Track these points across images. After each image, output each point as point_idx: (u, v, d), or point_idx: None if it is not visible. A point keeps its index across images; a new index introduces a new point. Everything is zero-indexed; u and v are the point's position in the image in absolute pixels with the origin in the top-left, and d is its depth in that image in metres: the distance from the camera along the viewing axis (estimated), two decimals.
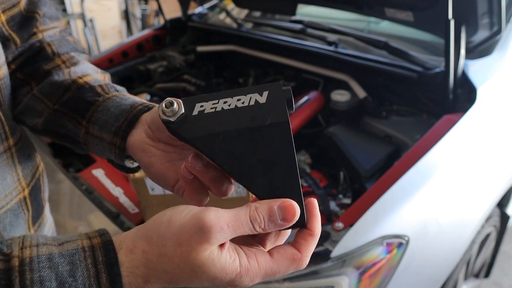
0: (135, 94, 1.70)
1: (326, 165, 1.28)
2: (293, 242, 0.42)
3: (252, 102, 0.42)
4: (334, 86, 1.47)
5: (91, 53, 3.75)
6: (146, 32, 2.04)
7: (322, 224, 0.99)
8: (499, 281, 2.00)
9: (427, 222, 1.02)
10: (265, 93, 0.42)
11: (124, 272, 0.39)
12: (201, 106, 0.42)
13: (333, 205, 1.11)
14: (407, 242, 0.95)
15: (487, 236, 1.54)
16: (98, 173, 1.23)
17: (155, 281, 0.39)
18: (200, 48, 1.87)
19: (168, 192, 1.06)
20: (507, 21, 1.32)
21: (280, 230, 0.43)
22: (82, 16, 3.96)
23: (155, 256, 0.39)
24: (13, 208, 0.54)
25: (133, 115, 0.53)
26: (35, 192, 0.60)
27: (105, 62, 1.91)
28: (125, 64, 1.95)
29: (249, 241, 0.43)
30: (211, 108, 0.42)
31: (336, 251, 0.88)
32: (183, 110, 0.42)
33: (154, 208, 1.07)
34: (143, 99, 0.58)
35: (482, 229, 1.37)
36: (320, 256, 0.89)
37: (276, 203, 0.40)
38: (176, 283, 0.40)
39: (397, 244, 0.94)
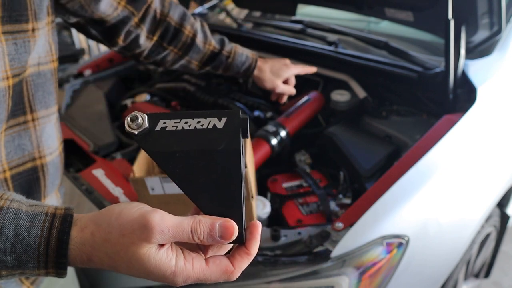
0: (135, 94, 1.70)
1: (326, 165, 1.28)
2: (230, 256, 0.47)
3: (210, 126, 0.46)
4: (334, 86, 1.47)
5: (91, 53, 3.75)
6: None
7: (322, 224, 0.99)
8: (499, 281, 2.00)
9: (427, 222, 1.02)
10: (224, 119, 0.46)
11: (72, 245, 0.44)
12: (164, 123, 0.46)
13: (333, 205, 1.11)
14: (407, 242, 0.95)
15: (487, 236, 1.54)
16: (98, 173, 1.23)
17: (97, 261, 0.44)
18: None
19: (168, 192, 1.06)
20: (507, 21, 1.32)
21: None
22: None
23: (100, 239, 0.44)
24: None
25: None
26: (21, 179, 0.64)
27: (105, 62, 1.91)
28: (125, 64, 1.95)
29: (193, 246, 0.47)
30: (173, 126, 0.46)
31: (336, 251, 0.88)
32: (146, 125, 0.46)
33: (154, 208, 1.07)
34: (142, 99, 0.62)
35: (482, 229, 1.37)
36: (320, 256, 0.89)
37: (218, 221, 0.45)
38: (115, 268, 0.45)
39: (397, 244, 0.94)
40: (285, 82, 1.16)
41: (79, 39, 3.88)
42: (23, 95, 0.62)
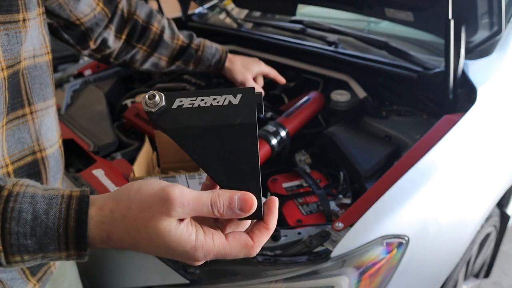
0: (135, 94, 1.71)
1: (326, 165, 1.28)
2: (249, 231, 0.47)
3: (226, 102, 0.46)
4: (334, 86, 1.47)
5: None
6: None
7: (322, 224, 0.99)
8: (499, 281, 2.00)
9: (427, 222, 1.02)
10: (239, 96, 0.46)
11: (91, 224, 0.44)
12: (181, 101, 0.46)
13: (333, 205, 1.11)
14: (407, 242, 0.95)
15: (487, 236, 1.54)
16: (98, 173, 1.23)
17: (117, 240, 0.44)
18: None
19: None
20: (507, 21, 1.32)
21: (239, 219, 0.47)
22: None
23: (120, 216, 0.43)
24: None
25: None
26: (22, 173, 0.64)
27: None
28: None
29: (211, 223, 0.47)
30: (189, 104, 0.46)
31: (336, 251, 0.89)
32: (163, 103, 0.46)
33: None
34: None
35: (482, 229, 1.37)
36: (320, 256, 0.89)
37: (237, 194, 0.45)
38: (135, 246, 0.44)
39: (397, 244, 0.94)
40: (254, 80, 1.16)
41: None
42: (21, 88, 0.62)
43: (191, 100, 0.46)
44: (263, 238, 0.46)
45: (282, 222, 1.10)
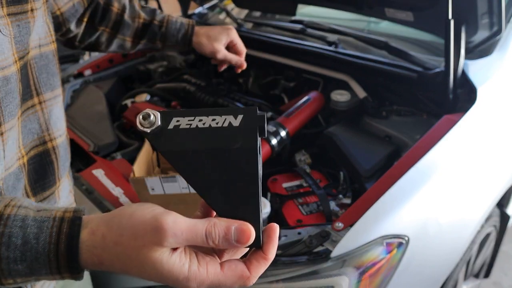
0: (135, 94, 1.71)
1: (326, 165, 1.28)
2: (246, 260, 0.45)
3: (225, 124, 0.43)
4: (334, 86, 1.47)
5: (91, 53, 3.75)
6: None
7: (322, 224, 0.99)
8: (499, 281, 2.00)
9: (427, 222, 1.02)
10: (240, 117, 0.44)
11: (83, 249, 0.43)
12: (177, 121, 0.44)
13: (333, 205, 1.11)
14: (407, 242, 0.95)
15: (487, 236, 1.54)
16: (98, 173, 1.23)
17: (109, 264, 0.43)
18: None
19: (168, 192, 1.06)
20: (507, 21, 1.32)
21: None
22: None
23: (111, 242, 0.42)
24: (15, 172, 0.59)
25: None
26: (34, 163, 0.64)
27: (105, 62, 1.91)
28: (125, 64, 1.95)
29: (207, 249, 0.45)
30: (186, 124, 0.44)
31: (336, 251, 0.89)
32: (159, 123, 0.43)
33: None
34: (142, 99, 0.62)
35: (482, 229, 1.37)
36: (320, 256, 0.89)
37: (234, 224, 0.43)
38: (126, 272, 0.43)
39: (397, 244, 0.94)
40: (234, 52, 1.07)
41: None
42: (29, 79, 0.62)
43: (189, 120, 0.44)
44: (260, 268, 0.44)
45: (282, 222, 1.10)
